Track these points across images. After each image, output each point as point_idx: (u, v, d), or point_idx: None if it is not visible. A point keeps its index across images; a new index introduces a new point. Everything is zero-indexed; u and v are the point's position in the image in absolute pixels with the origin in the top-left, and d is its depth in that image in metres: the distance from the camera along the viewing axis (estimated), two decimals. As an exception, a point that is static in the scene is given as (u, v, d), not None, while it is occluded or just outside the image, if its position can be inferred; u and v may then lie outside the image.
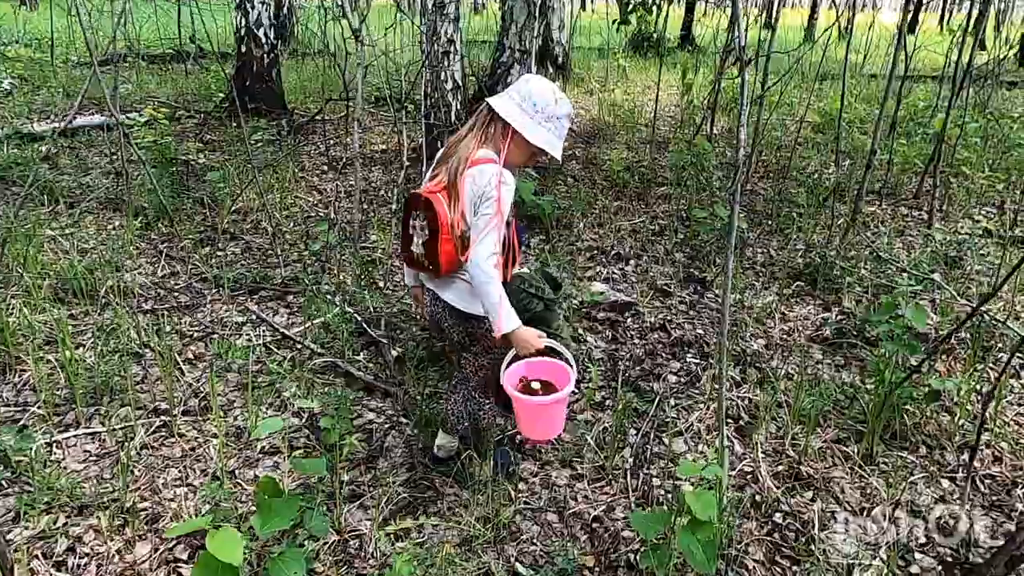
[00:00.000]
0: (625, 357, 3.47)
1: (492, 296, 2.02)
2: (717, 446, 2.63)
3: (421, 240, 2.13)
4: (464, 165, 2.06)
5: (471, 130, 2.13)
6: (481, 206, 2.02)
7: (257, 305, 3.91)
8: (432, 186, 2.11)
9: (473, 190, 2.04)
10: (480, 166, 2.05)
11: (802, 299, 4.21)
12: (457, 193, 2.05)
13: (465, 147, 2.10)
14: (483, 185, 2.01)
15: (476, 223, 2.03)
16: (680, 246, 4.95)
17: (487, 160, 2.07)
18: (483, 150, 2.10)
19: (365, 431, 2.85)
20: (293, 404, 2.99)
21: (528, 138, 2.04)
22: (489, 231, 1.99)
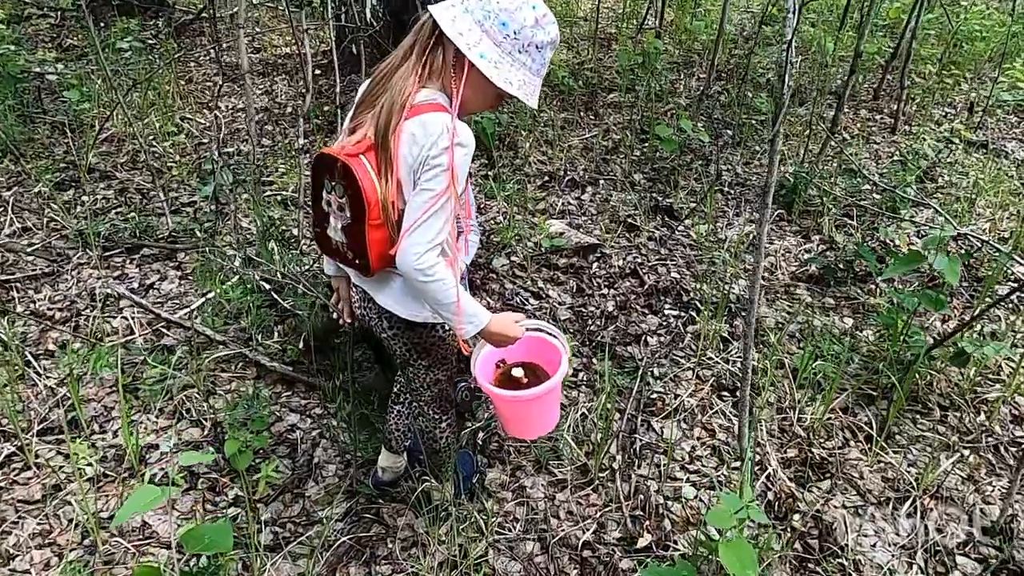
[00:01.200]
0: (595, 314, 2.96)
1: (442, 300, 1.43)
2: (734, 446, 2.20)
3: (340, 223, 1.48)
4: (399, 114, 1.39)
5: (407, 57, 1.44)
6: (423, 176, 1.38)
7: (138, 268, 3.14)
8: (352, 144, 1.44)
9: (411, 152, 1.39)
10: (422, 116, 1.39)
11: (778, 226, 3.77)
12: (389, 156, 1.39)
13: (399, 85, 1.41)
14: (426, 146, 1.37)
15: (413, 201, 1.40)
16: (639, 165, 4.38)
17: (432, 107, 1.40)
18: (426, 91, 1.43)
19: (287, 443, 2.26)
20: (191, 410, 2.35)
21: (494, 79, 1.38)
22: (431, 214, 1.37)
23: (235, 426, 2.17)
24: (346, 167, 1.40)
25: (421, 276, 1.39)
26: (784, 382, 2.60)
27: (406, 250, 1.38)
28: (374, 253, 1.45)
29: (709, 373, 2.63)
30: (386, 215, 1.42)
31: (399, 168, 1.40)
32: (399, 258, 1.39)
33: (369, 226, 1.42)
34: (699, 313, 2.97)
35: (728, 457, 2.25)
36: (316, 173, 1.51)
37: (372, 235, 1.43)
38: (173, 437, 2.25)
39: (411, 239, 1.37)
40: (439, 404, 1.83)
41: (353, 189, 1.41)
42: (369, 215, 1.41)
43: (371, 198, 1.40)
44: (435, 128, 1.36)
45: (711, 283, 3.20)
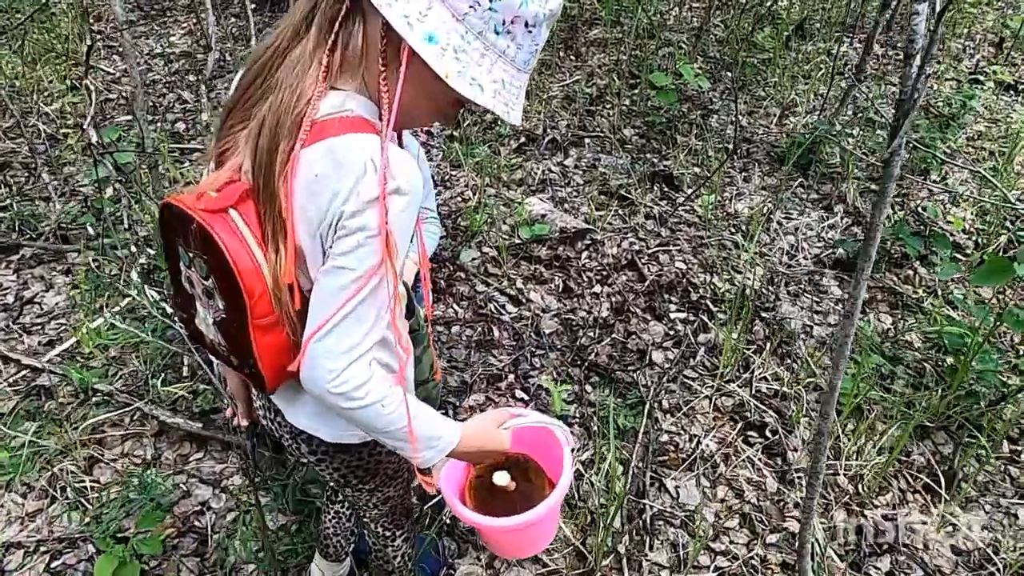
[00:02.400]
0: (587, 322, 2.43)
1: (382, 428, 0.89)
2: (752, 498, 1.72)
3: (211, 316, 0.91)
4: (290, 137, 0.81)
5: (301, 35, 0.83)
6: (336, 245, 0.81)
7: (15, 275, 2.51)
8: (217, 187, 0.85)
9: (315, 203, 0.81)
10: (331, 142, 0.81)
11: (795, 195, 3.22)
12: (278, 210, 0.82)
13: (290, 85, 0.82)
14: (339, 195, 0.79)
15: (322, 285, 0.83)
16: (629, 117, 3.76)
17: (347, 124, 0.82)
18: (336, 95, 0.84)
19: (195, 532, 1.73)
20: (67, 488, 1.80)
21: (452, 81, 0.78)
22: (352, 309, 0.81)
23: (119, 511, 1.64)
24: (205, 232, 0.82)
25: (344, 402, 0.84)
26: (819, 410, 2.11)
27: (315, 366, 0.83)
28: (268, 366, 0.89)
29: (730, 403, 2.14)
30: (281, 307, 0.85)
31: (296, 230, 0.82)
32: (305, 375, 0.84)
33: (255, 327, 0.85)
34: (712, 317, 2.46)
35: (762, 529, 1.78)
36: (166, 231, 0.92)
37: (261, 340, 0.86)
38: (43, 528, 1.71)
39: (321, 348, 0.82)
40: (392, 519, 1.31)
41: (221, 269, 0.83)
42: (252, 311, 0.84)
43: (252, 285, 0.83)
44: (353, 164, 0.78)
45: (723, 275, 2.67)
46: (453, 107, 0.90)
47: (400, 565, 1.39)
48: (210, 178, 0.88)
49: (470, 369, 2.21)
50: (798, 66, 4.27)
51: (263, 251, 0.84)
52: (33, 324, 2.30)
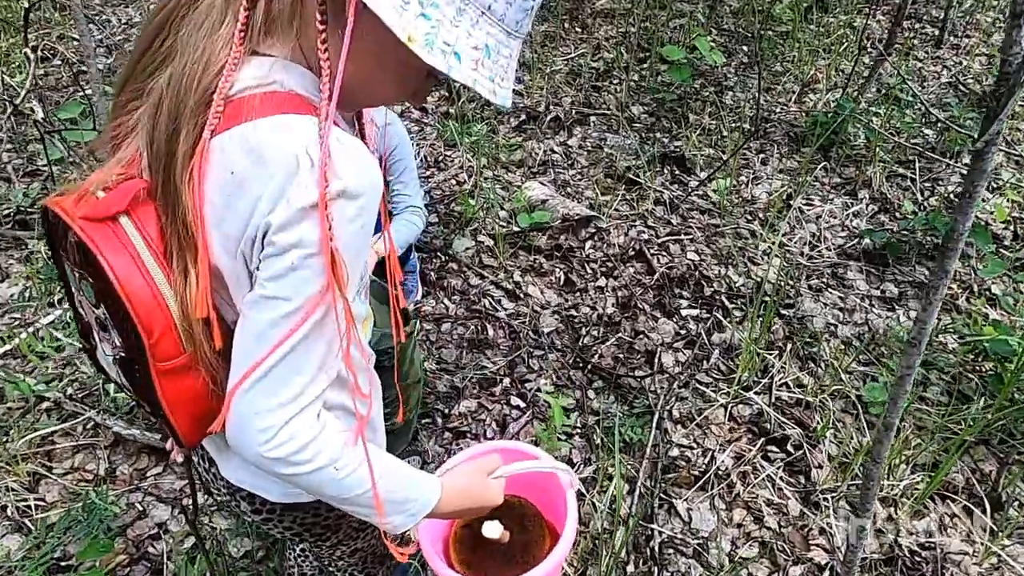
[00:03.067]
0: (590, 319, 2.22)
1: (339, 494, 0.70)
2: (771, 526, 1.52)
3: (110, 351, 0.70)
4: (194, 119, 0.60)
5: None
6: (265, 264, 0.60)
7: (-30, 263, 2.31)
8: (106, 184, 0.65)
9: (233, 208, 0.60)
10: (248, 128, 0.60)
11: (816, 179, 2.99)
12: (185, 216, 0.61)
13: (196, 47, 0.61)
14: (262, 200, 0.59)
15: (248, 320, 0.62)
16: (637, 94, 3.52)
17: (274, 102, 0.61)
18: (259, 63, 0.63)
19: (148, 561, 1.55)
20: (8, 507, 1.62)
21: (415, 46, 0.55)
22: (288, 350, 0.61)
23: (68, 535, 1.46)
24: (86, 248, 0.62)
25: (284, 468, 0.65)
26: (847, 421, 1.92)
27: (243, 425, 0.63)
28: (182, 419, 0.69)
29: (747, 412, 1.94)
30: (195, 347, 0.65)
31: (209, 245, 0.62)
32: (231, 436, 0.65)
33: (158, 372, 0.65)
34: (727, 314, 2.25)
35: (784, 560, 1.59)
36: (51, 241, 0.71)
37: (169, 388, 0.66)
38: (-20, 553, 1.53)
39: (250, 402, 0.62)
40: (362, 569, 1.12)
41: (110, 297, 0.63)
42: (152, 353, 0.64)
43: (150, 320, 0.63)
44: (279, 158, 0.59)
45: (739, 267, 2.46)
46: (422, 80, 0.68)
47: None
48: (98, 173, 0.67)
49: (461, 372, 2.02)
50: (818, 40, 4.00)
51: (165, 274, 0.63)
52: (-15, 318, 2.11)
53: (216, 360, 0.66)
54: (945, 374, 2.06)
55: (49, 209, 0.66)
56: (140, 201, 0.63)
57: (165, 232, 0.63)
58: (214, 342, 0.65)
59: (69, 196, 0.65)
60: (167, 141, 0.61)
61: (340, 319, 0.62)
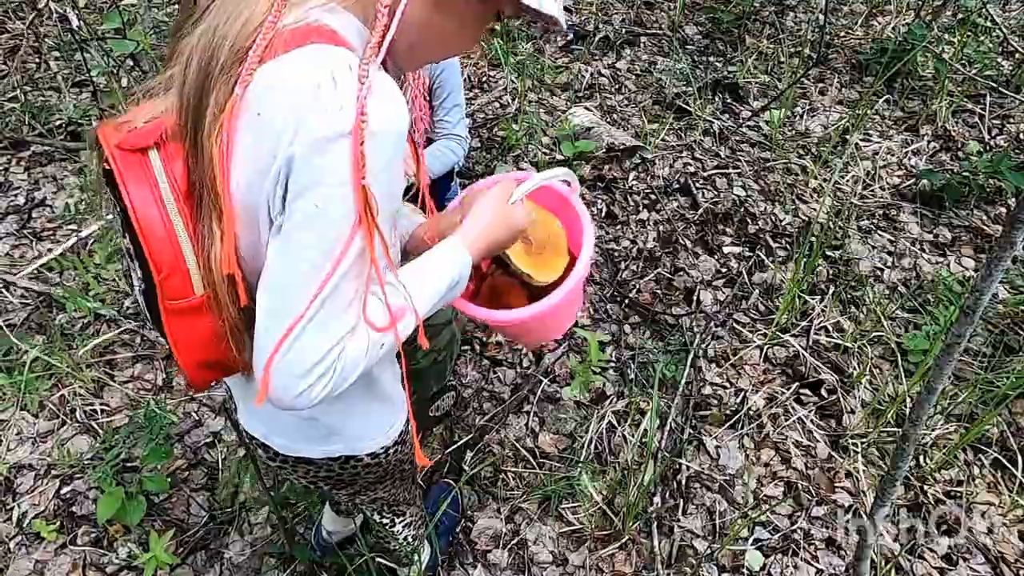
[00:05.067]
0: (630, 253, 2.21)
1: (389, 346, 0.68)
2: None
3: (136, 281, 0.70)
4: (230, 74, 0.59)
5: None
6: (289, 208, 0.59)
7: (26, 173, 2.37)
8: (147, 118, 0.64)
9: (260, 151, 0.59)
10: (286, 58, 0.58)
11: (876, 112, 2.84)
12: (208, 158, 0.60)
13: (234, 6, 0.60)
14: (288, 125, 0.57)
15: (276, 267, 0.61)
16: (691, 13, 3.34)
17: (307, 35, 0.59)
18: (301, 7, 0.61)
19: (205, 466, 1.66)
20: (76, 411, 1.74)
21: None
22: (322, 303, 0.60)
23: (128, 439, 1.57)
24: (112, 176, 0.63)
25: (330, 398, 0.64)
26: (884, 368, 1.91)
27: (288, 390, 0.61)
28: (186, 361, 0.68)
29: (783, 355, 1.94)
30: (214, 292, 0.64)
31: (229, 195, 0.61)
32: (275, 399, 0.63)
33: (166, 310, 0.65)
34: (770, 254, 2.21)
35: (808, 500, 1.63)
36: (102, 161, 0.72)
37: (175, 326, 0.66)
38: (54, 450, 1.66)
39: (289, 366, 0.61)
40: (390, 509, 1.18)
41: (130, 228, 0.64)
42: (161, 288, 0.64)
43: (160, 255, 0.63)
44: (300, 82, 0.57)
45: (787, 204, 2.39)
46: (476, 29, 0.67)
47: (404, 543, 1.27)
48: (145, 106, 0.66)
49: (500, 301, 2.04)
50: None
51: (183, 216, 0.63)
52: (44, 229, 2.19)
53: (239, 318, 0.66)
54: (994, 326, 2.01)
55: (95, 135, 0.66)
56: (169, 138, 0.63)
57: (191, 178, 0.63)
58: (239, 298, 0.64)
59: (112, 122, 0.65)
60: (196, 97, 0.60)
61: (367, 260, 0.61)
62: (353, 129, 0.55)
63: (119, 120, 0.65)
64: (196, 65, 0.60)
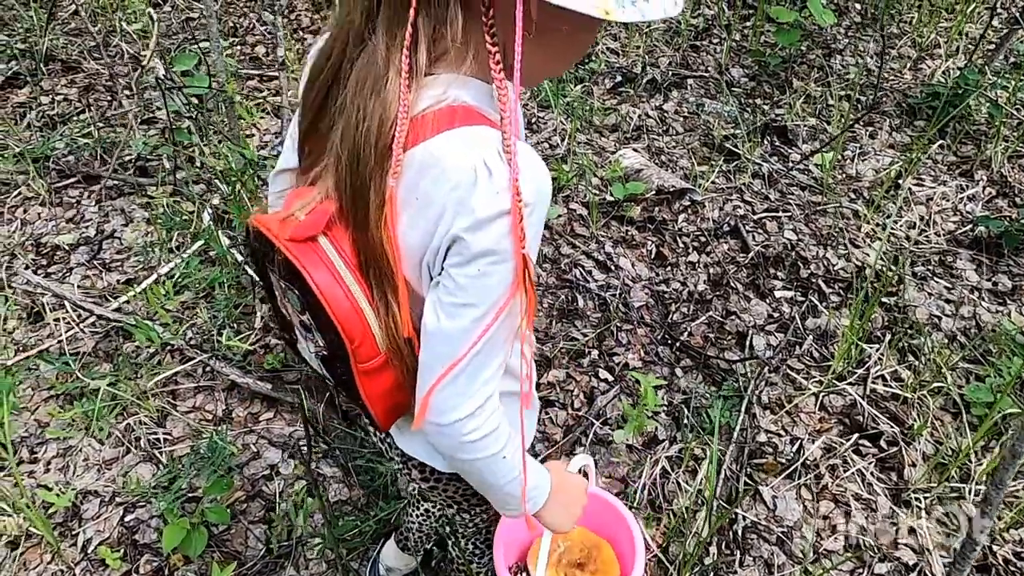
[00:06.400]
0: (680, 295, 2.21)
1: (498, 481, 0.76)
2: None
3: (312, 348, 0.78)
4: (384, 165, 0.63)
5: (367, 33, 0.63)
6: (455, 273, 0.64)
7: (96, 207, 2.48)
8: (303, 209, 0.69)
9: (421, 227, 0.64)
10: (433, 144, 0.62)
11: (929, 157, 2.82)
12: (377, 245, 0.66)
13: (371, 90, 0.62)
14: (447, 211, 0.62)
15: (436, 322, 0.66)
16: (738, 55, 3.37)
17: (453, 115, 0.63)
18: (437, 81, 0.64)
19: (263, 499, 1.69)
20: (141, 439, 1.79)
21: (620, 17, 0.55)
22: (477, 352, 0.65)
23: (191, 468, 1.61)
24: (293, 268, 0.68)
25: (473, 453, 0.72)
26: (945, 420, 1.87)
27: (440, 422, 0.69)
28: (381, 409, 0.77)
29: (839, 402, 1.91)
30: (395, 352, 0.72)
31: (401, 264, 0.67)
32: (429, 432, 0.71)
33: (360, 373, 0.72)
34: (824, 299, 2.19)
35: (870, 557, 1.59)
36: (255, 251, 0.78)
37: (369, 385, 0.73)
38: (118, 478, 1.71)
39: (443, 401, 0.68)
40: (486, 540, 1.20)
41: (316, 308, 0.69)
42: (355, 356, 0.70)
43: (352, 328, 0.69)
44: (457, 170, 0.61)
45: (839, 249, 2.37)
46: (578, 50, 0.70)
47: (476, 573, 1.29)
48: (299, 198, 0.71)
49: (551, 341, 2.06)
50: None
51: (361, 287, 0.68)
52: (112, 260, 2.28)
53: (407, 358, 0.73)
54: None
55: (254, 227, 0.72)
56: (332, 223, 0.68)
57: (359, 252, 0.68)
58: (415, 349, 0.71)
59: (272, 217, 0.71)
60: (353, 194, 0.65)
61: (518, 317, 0.66)
62: (511, 208, 0.59)
63: (279, 215, 0.70)
64: (345, 166, 0.65)
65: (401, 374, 0.73)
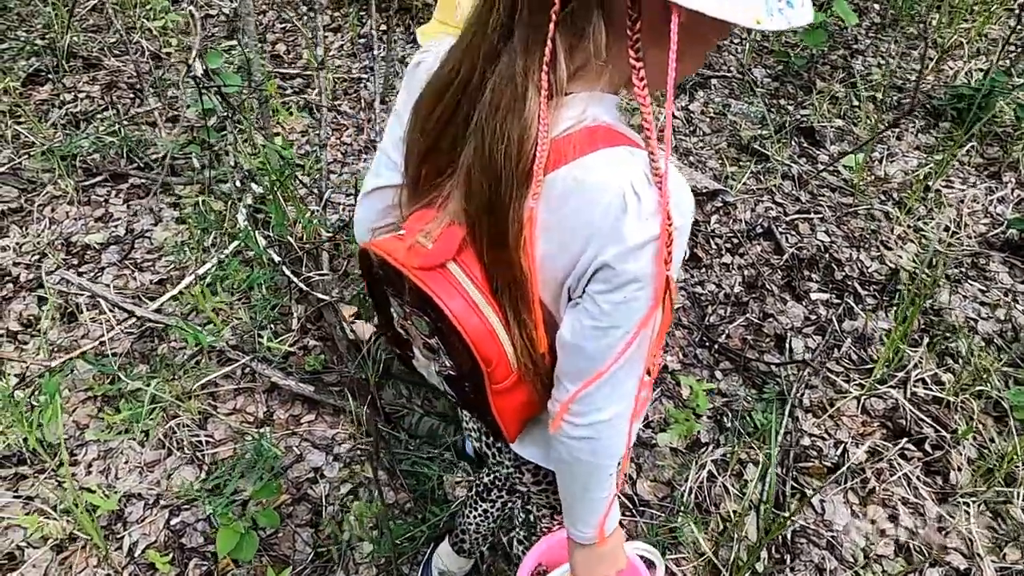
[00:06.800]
0: (716, 297, 2.21)
1: (600, 490, 0.76)
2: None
3: (435, 367, 0.78)
4: (524, 188, 0.61)
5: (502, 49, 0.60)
6: (599, 298, 0.63)
7: (125, 205, 2.46)
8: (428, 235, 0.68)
9: (565, 250, 0.63)
10: (577, 167, 0.61)
11: (956, 159, 2.81)
12: (519, 272, 0.65)
13: (503, 128, 0.60)
14: (595, 236, 0.61)
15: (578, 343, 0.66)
16: (759, 55, 3.36)
17: (593, 140, 0.61)
18: (574, 101, 0.62)
19: (309, 502, 1.68)
20: (183, 442, 1.77)
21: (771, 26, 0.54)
22: (620, 365, 0.65)
23: (237, 471, 1.60)
24: (424, 295, 0.66)
25: (594, 457, 0.72)
26: (988, 423, 1.86)
27: (579, 424, 0.69)
28: (510, 422, 0.77)
29: (880, 405, 1.91)
30: (528, 369, 0.71)
31: (537, 289, 0.66)
32: (564, 432, 0.71)
33: (494, 393, 0.71)
34: (860, 301, 2.19)
35: (920, 560, 1.59)
36: (370, 274, 0.77)
37: (502, 403, 0.73)
38: (162, 481, 1.70)
39: (589, 403, 0.68)
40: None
41: (448, 333, 0.68)
42: (490, 378, 0.70)
43: (488, 352, 0.68)
44: (606, 196, 0.59)
45: (872, 251, 2.37)
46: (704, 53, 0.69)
47: None
48: (421, 222, 0.70)
49: (589, 343, 2.05)
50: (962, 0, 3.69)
51: (493, 308, 0.67)
52: (144, 260, 2.26)
53: (543, 375, 0.72)
54: (1097, 382, 1.96)
55: (376, 253, 0.70)
56: (462, 247, 0.67)
57: (492, 278, 0.67)
58: (544, 358, 0.70)
59: (392, 242, 0.69)
60: (489, 216, 0.63)
61: (654, 333, 0.65)
62: (660, 233, 0.58)
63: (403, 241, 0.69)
64: (480, 188, 0.63)
65: (533, 388, 0.73)
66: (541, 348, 0.68)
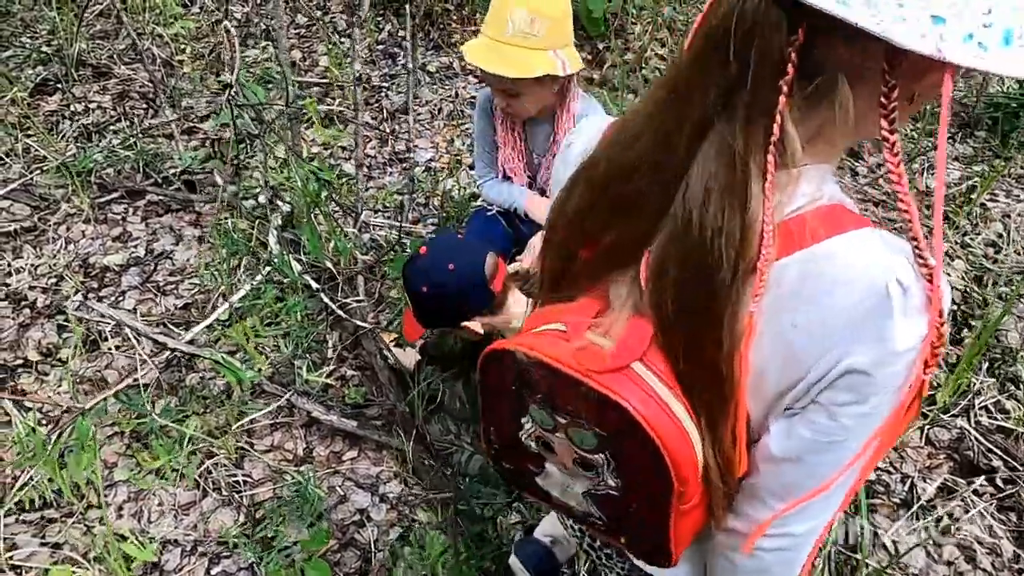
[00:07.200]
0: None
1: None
2: None
3: (580, 487, 0.66)
4: (746, 265, 0.51)
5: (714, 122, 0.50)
6: (837, 409, 0.53)
7: (143, 224, 2.36)
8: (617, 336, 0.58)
9: (796, 361, 0.54)
10: (830, 253, 0.52)
11: (994, 169, 2.74)
12: (726, 376, 0.54)
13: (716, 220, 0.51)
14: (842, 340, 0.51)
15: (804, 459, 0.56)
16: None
17: (833, 223, 0.53)
18: (808, 177, 0.53)
19: (356, 547, 1.58)
20: (219, 483, 1.67)
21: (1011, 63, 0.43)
22: (839, 485, 0.57)
23: (278, 515, 1.51)
24: (611, 403, 0.55)
25: (795, 568, 0.63)
26: (1056, 454, 1.79)
27: (776, 541, 0.60)
28: (679, 545, 0.64)
29: (945, 436, 1.83)
30: (716, 488, 0.60)
31: (745, 402, 0.56)
32: (760, 551, 0.61)
33: (677, 513, 0.60)
34: (914, 323, 2.11)
35: (1003, 607, 1.51)
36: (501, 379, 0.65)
37: (681, 524, 0.62)
38: (199, 525, 1.60)
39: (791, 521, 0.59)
40: None
41: (636, 452, 0.57)
42: (679, 498, 0.59)
43: (687, 472, 0.57)
44: (872, 291, 0.50)
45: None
46: None
47: None
48: (581, 317, 0.60)
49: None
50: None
51: (686, 408, 0.57)
52: (167, 283, 2.16)
53: (722, 491, 0.62)
54: None
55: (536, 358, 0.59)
56: (647, 346, 0.57)
57: (688, 379, 0.57)
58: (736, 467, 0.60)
59: (556, 345, 0.59)
60: (691, 318, 0.54)
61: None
62: (928, 333, 0.49)
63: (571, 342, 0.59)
64: (680, 281, 0.54)
65: (710, 505, 0.62)
66: (741, 470, 0.58)
